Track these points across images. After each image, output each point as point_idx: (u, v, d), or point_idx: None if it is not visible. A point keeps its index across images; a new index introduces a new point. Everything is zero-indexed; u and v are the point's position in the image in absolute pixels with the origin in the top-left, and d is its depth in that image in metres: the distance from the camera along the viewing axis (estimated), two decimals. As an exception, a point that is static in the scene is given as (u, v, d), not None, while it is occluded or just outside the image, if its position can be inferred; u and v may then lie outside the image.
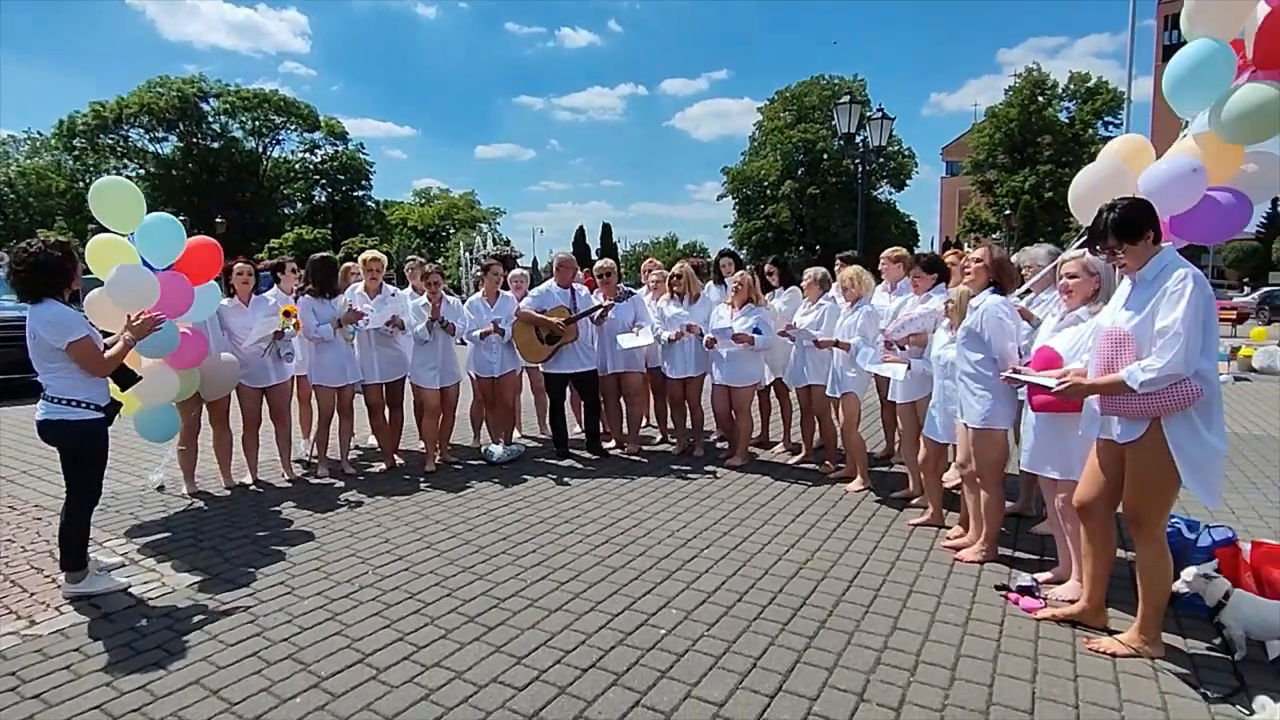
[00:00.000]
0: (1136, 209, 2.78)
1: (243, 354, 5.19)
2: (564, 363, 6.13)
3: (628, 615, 3.30)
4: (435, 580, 3.69)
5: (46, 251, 3.34)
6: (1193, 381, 2.59)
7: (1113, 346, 2.73)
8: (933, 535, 4.29)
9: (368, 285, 5.79)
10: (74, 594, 3.46)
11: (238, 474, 5.45)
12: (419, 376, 5.81)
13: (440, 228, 56.59)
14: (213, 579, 3.74)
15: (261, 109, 48.58)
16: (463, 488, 5.32)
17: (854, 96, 15.21)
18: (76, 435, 3.40)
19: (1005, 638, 3.08)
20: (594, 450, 6.29)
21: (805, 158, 48.70)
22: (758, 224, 49.46)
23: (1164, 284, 2.66)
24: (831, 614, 3.31)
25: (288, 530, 4.47)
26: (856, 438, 5.25)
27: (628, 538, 4.29)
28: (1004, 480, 3.92)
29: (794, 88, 50.18)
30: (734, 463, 5.88)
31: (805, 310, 5.54)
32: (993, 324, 3.67)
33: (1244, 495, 5.01)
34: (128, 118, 45.45)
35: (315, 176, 52.97)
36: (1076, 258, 3.46)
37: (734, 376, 5.81)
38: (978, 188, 47.18)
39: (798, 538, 4.27)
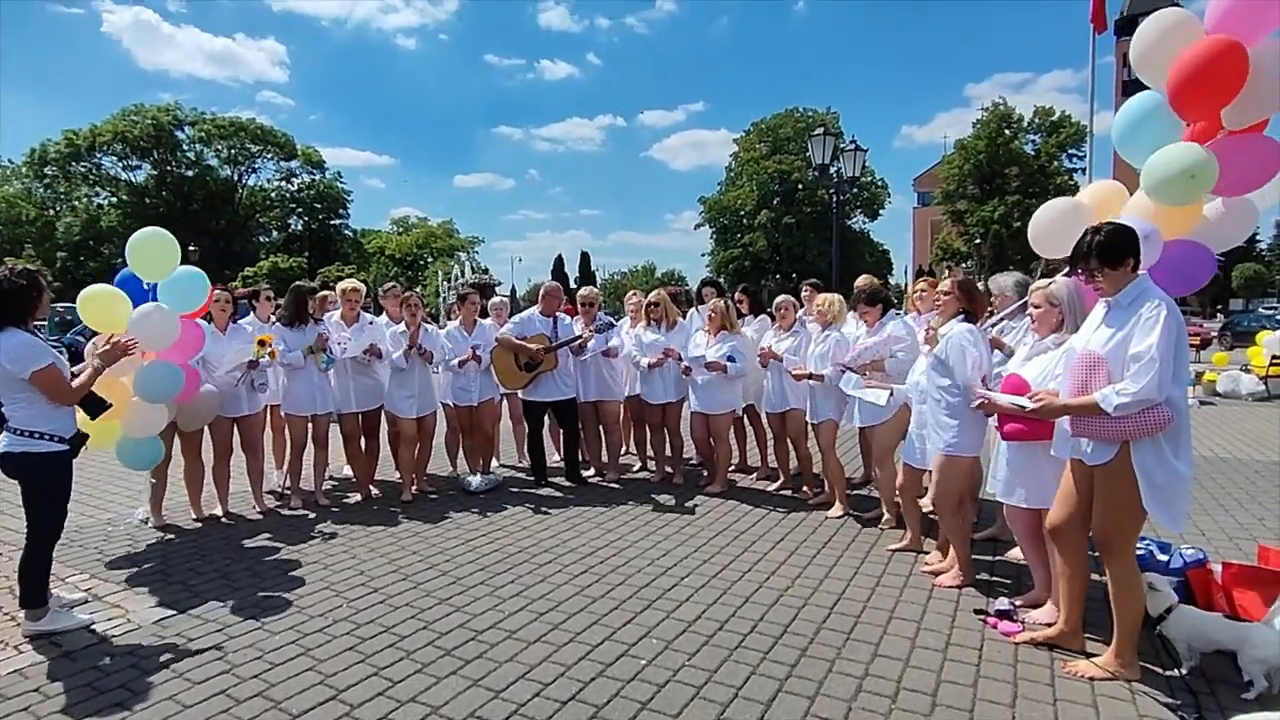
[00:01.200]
0: (1121, 235, 2.83)
1: (216, 382, 5.11)
2: (543, 390, 6.11)
3: (607, 646, 3.26)
4: (411, 613, 3.62)
5: (10, 279, 3.27)
6: (1164, 408, 2.65)
7: (1087, 369, 2.78)
8: (911, 560, 4.30)
9: (345, 314, 5.74)
10: (34, 632, 3.34)
11: (208, 506, 5.33)
12: (396, 405, 5.75)
13: (418, 256, 56.49)
14: (180, 614, 3.63)
15: (238, 137, 48.38)
16: (440, 518, 5.25)
17: (828, 128, 15.57)
18: (40, 468, 3.30)
19: (985, 662, 3.09)
20: (572, 478, 6.25)
21: (781, 188, 49.54)
22: (735, 253, 50.04)
23: (1139, 310, 2.72)
24: (813, 641, 3.29)
25: (259, 563, 4.36)
26: (835, 462, 5.27)
27: (607, 567, 4.25)
28: (972, 505, 3.96)
29: (769, 120, 51.21)
30: (713, 490, 5.87)
31: (780, 337, 5.59)
32: (955, 352, 3.73)
33: (1213, 518, 5.10)
34: (101, 145, 45.01)
35: (292, 205, 52.68)
36: (1042, 288, 3.55)
37: (710, 404, 5.82)
38: (949, 217, 48.21)
39: (778, 564, 4.26)
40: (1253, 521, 4.99)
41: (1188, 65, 3.20)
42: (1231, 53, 3.12)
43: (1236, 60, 3.12)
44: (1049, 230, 3.85)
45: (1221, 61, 3.13)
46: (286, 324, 5.45)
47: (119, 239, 44.73)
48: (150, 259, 4.56)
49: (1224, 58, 3.13)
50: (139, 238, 4.62)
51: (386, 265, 53.05)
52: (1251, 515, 5.15)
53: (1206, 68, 3.15)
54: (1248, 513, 5.21)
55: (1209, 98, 3.23)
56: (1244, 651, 2.79)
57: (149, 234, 4.62)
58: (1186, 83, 3.21)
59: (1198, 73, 3.18)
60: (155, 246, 4.59)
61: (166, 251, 4.58)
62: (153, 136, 45.54)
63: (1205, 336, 22.49)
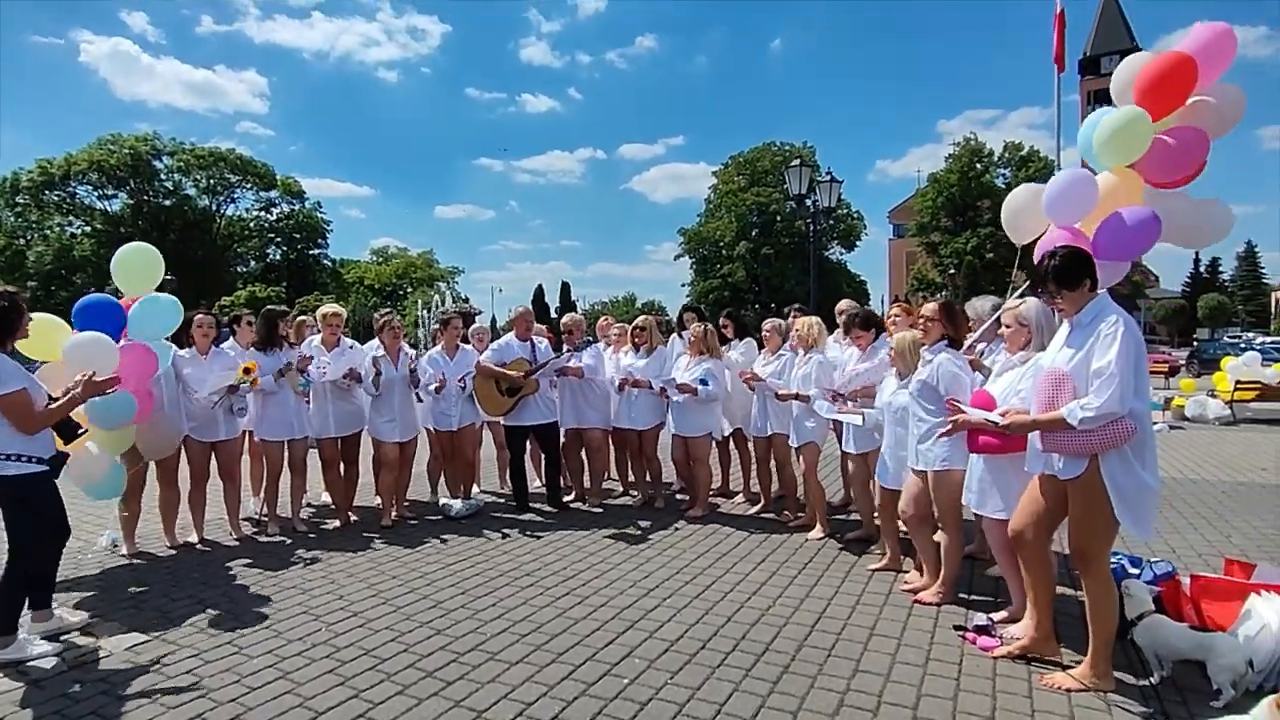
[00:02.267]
0: (1074, 259, 2.97)
1: (194, 405, 5.06)
2: (525, 415, 6.12)
3: (590, 666, 3.25)
4: (391, 636, 3.58)
5: None
6: (1127, 420, 2.74)
7: (1053, 385, 2.88)
8: (891, 579, 4.35)
9: (325, 339, 5.73)
10: (1, 660, 3.26)
11: (182, 533, 5.24)
12: (378, 430, 5.73)
13: (398, 286, 56.30)
14: (154, 640, 3.56)
15: (217, 167, 48.22)
16: (420, 543, 5.21)
17: (804, 161, 15.89)
18: (18, 490, 3.26)
19: (964, 676, 3.12)
20: (554, 503, 6.23)
21: (759, 219, 50.31)
22: (714, 283, 50.52)
23: (1098, 327, 2.84)
24: (794, 658, 3.31)
25: (236, 589, 4.30)
26: (816, 485, 5.32)
27: (589, 589, 4.24)
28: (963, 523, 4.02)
29: (747, 153, 52.18)
30: (694, 514, 5.89)
31: (766, 361, 5.67)
32: (948, 378, 3.81)
33: (1183, 535, 5.21)
34: (76, 174, 44.60)
35: (270, 235, 52.45)
36: (1012, 309, 3.67)
37: (686, 427, 5.87)
38: (924, 249, 49.15)
39: (759, 585, 4.28)
40: (1220, 539, 5.10)
41: (1155, 68, 3.70)
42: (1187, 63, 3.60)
43: (1190, 69, 3.60)
44: (1015, 215, 4.27)
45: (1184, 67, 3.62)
46: (260, 348, 5.43)
47: (92, 268, 44.30)
48: (134, 273, 4.62)
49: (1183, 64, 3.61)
50: (125, 251, 4.71)
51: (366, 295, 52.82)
52: (1219, 533, 5.27)
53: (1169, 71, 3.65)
54: (1215, 530, 5.33)
55: (1170, 94, 3.68)
56: (1211, 661, 2.86)
57: (135, 248, 4.71)
58: (1154, 79, 3.69)
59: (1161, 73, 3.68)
60: (140, 260, 4.65)
61: (150, 266, 4.64)
62: (130, 166, 45.25)
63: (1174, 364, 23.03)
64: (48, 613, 3.58)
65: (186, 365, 5.10)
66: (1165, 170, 3.71)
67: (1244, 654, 2.84)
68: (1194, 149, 3.66)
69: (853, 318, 5.19)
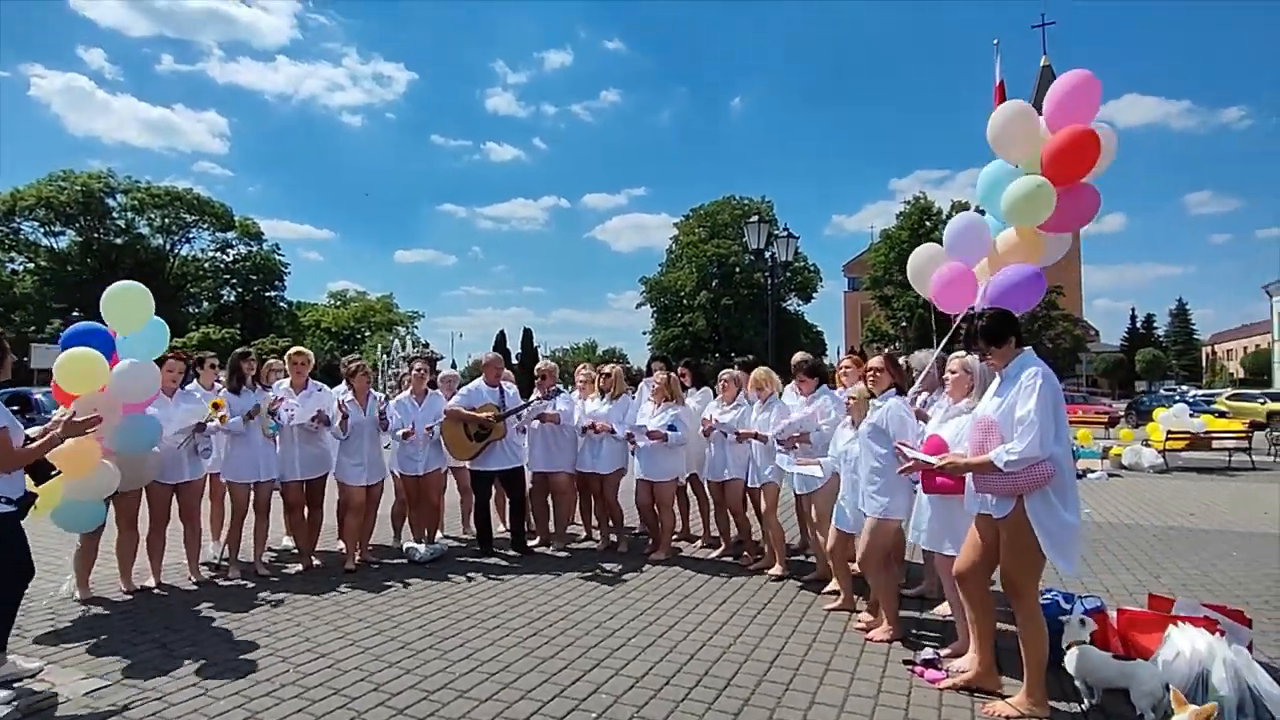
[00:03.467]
0: (1000, 320, 3.32)
1: (159, 446, 5.06)
2: (492, 460, 6.23)
3: (558, 702, 3.35)
4: (360, 676, 3.62)
5: None
6: (1047, 464, 3.03)
7: (982, 432, 3.17)
8: (845, 619, 4.54)
9: (294, 381, 5.79)
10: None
11: (139, 578, 5.17)
12: (345, 473, 5.77)
13: (356, 330, 55.70)
14: (114, 685, 3.54)
15: (173, 206, 47.54)
16: (385, 586, 5.23)
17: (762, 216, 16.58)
18: (-12, 529, 3.26)
19: (913, 706, 3.31)
20: (518, 548, 6.30)
21: (718, 270, 51.46)
22: (675, 331, 51.22)
23: (1020, 379, 3.15)
24: (754, 692, 3.46)
25: (199, 632, 4.27)
26: (775, 524, 5.52)
27: (555, 630, 4.34)
28: (896, 564, 4.27)
29: (707, 206, 53.60)
30: (657, 557, 6.02)
31: (723, 410, 5.91)
32: (895, 422, 4.11)
33: (1116, 575, 5.54)
34: (22, 210, 43.52)
35: (225, 276, 51.63)
36: (959, 357, 4.00)
37: (653, 471, 6.05)
38: (877, 302, 50.76)
39: (721, 624, 4.43)
40: (1149, 579, 5.44)
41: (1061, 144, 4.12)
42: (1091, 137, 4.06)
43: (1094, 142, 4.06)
44: (919, 271, 4.86)
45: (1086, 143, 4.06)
46: (234, 391, 5.48)
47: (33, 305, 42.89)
48: (124, 313, 4.75)
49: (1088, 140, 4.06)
50: (115, 291, 4.79)
51: (322, 338, 52.10)
52: (1149, 573, 5.61)
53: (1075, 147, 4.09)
54: (1146, 571, 5.68)
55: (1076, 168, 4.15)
56: (1133, 688, 3.11)
57: (124, 287, 4.86)
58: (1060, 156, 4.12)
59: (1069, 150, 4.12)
60: (130, 302, 4.78)
61: (141, 306, 4.80)
62: (80, 203, 44.35)
63: (1113, 415, 24.10)
64: (1, 657, 3.52)
65: (151, 406, 5.11)
66: (1069, 224, 4.28)
67: (1162, 679, 3.10)
68: (1089, 206, 4.21)
69: (800, 364, 5.54)
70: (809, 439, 5.01)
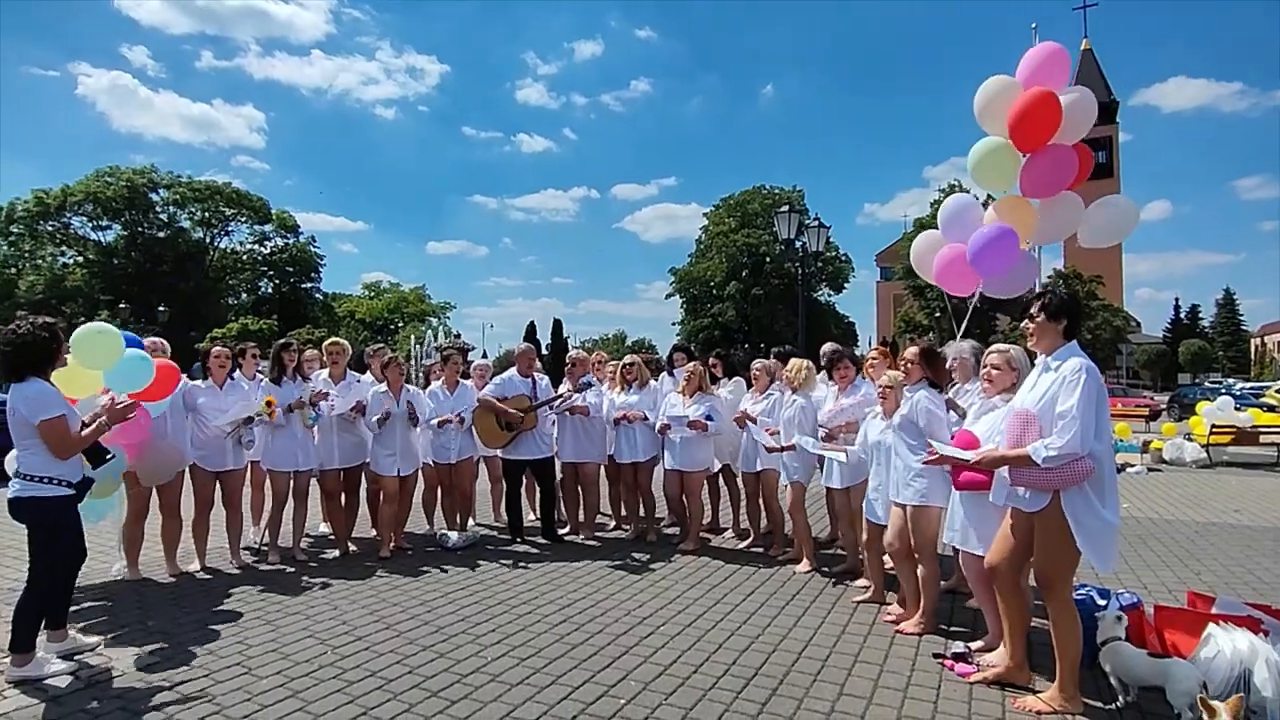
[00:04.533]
0: (1072, 302, 3.30)
1: (203, 434, 5.24)
2: (522, 449, 6.31)
3: (588, 687, 3.41)
4: (396, 659, 3.72)
5: (33, 332, 3.47)
6: (1087, 460, 2.98)
7: (1021, 424, 3.13)
8: (875, 610, 4.52)
9: (332, 372, 5.93)
10: (19, 678, 3.38)
11: (183, 561, 5.35)
12: (379, 463, 5.89)
13: (389, 321, 56.53)
14: (164, 661, 3.69)
15: (212, 200, 48.67)
16: (419, 572, 5.35)
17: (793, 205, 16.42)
18: (47, 513, 3.41)
19: (942, 699, 3.30)
20: (548, 536, 6.38)
21: (748, 260, 51.09)
22: (704, 322, 51.06)
23: (1063, 372, 3.09)
24: (782, 682, 3.48)
25: (241, 614, 4.42)
26: (803, 521, 5.52)
27: (585, 617, 4.40)
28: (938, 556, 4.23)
29: (737, 195, 53.19)
30: (686, 547, 6.05)
31: (755, 400, 5.90)
32: (924, 414, 4.08)
33: (1155, 572, 5.43)
34: (72, 205, 44.94)
35: (263, 268, 52.74)
36: (1000, 351, 3.93)
37: (686, 462, 6.07)
38: (911, 292, 49.92)
39: (749, 615, 4.45)
40: (1190, 576, 5.32)
41: (1018, 108, 4.23)
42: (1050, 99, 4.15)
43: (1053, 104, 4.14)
44: (920, 257, 5.07)
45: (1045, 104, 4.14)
46: (275, 381, 5.62)
47: (83, 298, 44.35)
48: (93, 353, 4.32)
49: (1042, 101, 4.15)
50: (81, 334, 4.31)
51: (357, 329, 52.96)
52: (1190, 570, 5.49)
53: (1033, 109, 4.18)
54: (1186, 568, 5.56)
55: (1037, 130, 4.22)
56: (1169, 686, 3.06)
57: (90, 330, 4.38)
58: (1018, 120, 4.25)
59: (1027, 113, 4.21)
60: (95, 342, 4.32)
61: (109, 347, 4.36)
62: (125, 198, 45.64)
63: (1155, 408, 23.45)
64: (63, 632, 3.70)
65: (201, 395, 5.29)
66: (1045, 188, 4.26)
67: (1200, 679, 3.04)
68: (1066, 166, 4.21)
69: (838, 354, 5.48)
70: (856, 428, 4.95)
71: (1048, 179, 4.18)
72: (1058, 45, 4.30)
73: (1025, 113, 4.14)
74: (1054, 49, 4.29)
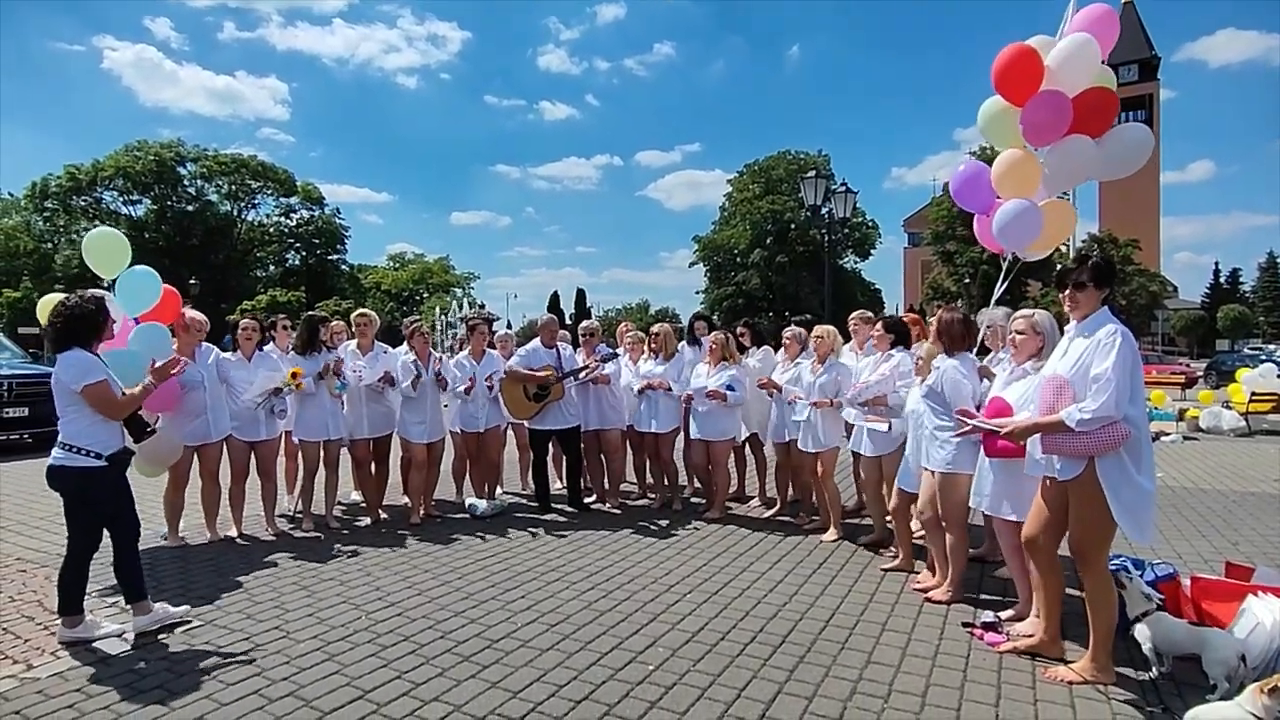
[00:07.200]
0: (1110, 266, 3.24)
1: (237, 406, 5.34)
2: (549, 419, 6.34)
3: (616, 653, 3.45)
4: (428, 624, 3.80)
5: (82, 305, 3.59)
6: (1123, 424, 2.92)
7: (1054, 390, 3.06)
8: (903, 579, 4.52)
9: (360, 343, 5.99)
10: (70, 639, 3.51)
11: (222, 528, 5.50)
12: (407, 431, 5.97)
13: (414, 291, 56.96)
14: (206, 625, 3.80)
15: (239, 173, 49.13)
16: (449, 540, 5.44)
17: (819, 171, 16.10)
18: (78, 482, 3.50)
19: (971, 668, 3.30)
20: (575, 505, 6.44)
21: (773, 227, 50.47)
22: (728, 290, 50.74)
23: (1098, 335, 3.01)
24: (810, 650, 3.50)
25: (278, 580, 4.53)
26: (833, 489, 5.49)
27: (613, 584, 4.45)
28: (967, 524, 4.19)
29: (762, 161, 52.42)
30: (711, 515, 6.07)
31: (785, 368, 5.85)
32: (950, 384, 4.02)
33: (1190, 542, 5.34)
34: (103, 180, 45.69)
35: (290, 240, 53.30)
36: (1026, 316, 3.85)
37: (710, 431, 6.06)
38: (939, 258, 49.05)
39: (776, 583, 4.47)
40: (1227, 546, 5.23)
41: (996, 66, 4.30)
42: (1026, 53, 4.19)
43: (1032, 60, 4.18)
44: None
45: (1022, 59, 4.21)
46: (300, 352, 5.69)
47: (117, 273, 45.19)
48: (104, 256, 4.81)
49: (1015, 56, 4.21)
50: (94, 236, 4.93)
51: (383, 300, 53.48)
52: (1226, 540, 5.39)
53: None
54: (1223, 538, 5.46)
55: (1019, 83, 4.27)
56: (1206, 655, 3.02)
57: (99, 232, 4.98)
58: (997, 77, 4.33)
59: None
60: (106, 244, 4.86)
61: (117, 248, 4.83)
62: (154, 172, 46.26)
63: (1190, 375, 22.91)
64: (145, 605, 3.71)
65: (232, 368, 5.38)
66: (1046, 134, 4.23)
67: (1238, 649, 3.00)
68: (1058, 110, 4.14)
69: (865, 319, 5.85)
70: (886, 401, 4.89)
71: (1050, 123, 4.19)
72: (1106, 6, 4.21)
73: (1004, 69, 4.26)
74: (1103, 10, 4.22)
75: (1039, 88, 4.18)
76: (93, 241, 4.88)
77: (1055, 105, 4.12)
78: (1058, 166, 4.33)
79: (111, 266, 4.75)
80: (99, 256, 4.78)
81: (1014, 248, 4.54)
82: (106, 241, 4.89)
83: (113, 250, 4.81)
